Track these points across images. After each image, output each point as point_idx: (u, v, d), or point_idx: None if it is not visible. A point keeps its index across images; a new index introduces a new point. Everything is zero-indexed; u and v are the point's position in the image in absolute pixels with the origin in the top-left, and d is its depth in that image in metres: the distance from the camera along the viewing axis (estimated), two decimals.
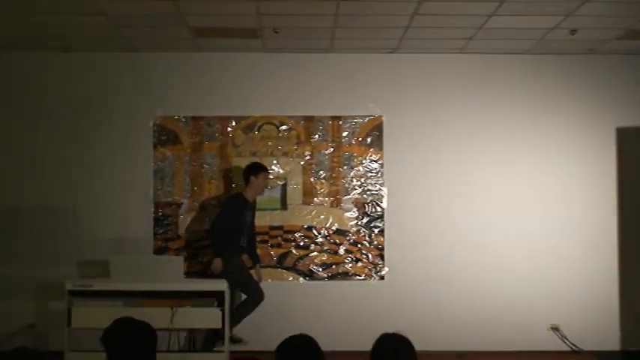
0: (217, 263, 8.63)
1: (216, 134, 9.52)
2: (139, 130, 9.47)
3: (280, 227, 9.47)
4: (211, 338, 8.52)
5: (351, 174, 9.53)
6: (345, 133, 9.54)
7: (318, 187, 9.52)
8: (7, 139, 9.45)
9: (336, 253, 9.49)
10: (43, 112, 9.47)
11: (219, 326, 8.21)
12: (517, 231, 9.49)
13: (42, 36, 8.77)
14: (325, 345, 9.49)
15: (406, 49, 9.36)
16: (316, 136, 9.55)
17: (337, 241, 9.50)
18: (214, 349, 8.43)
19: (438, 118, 9.56)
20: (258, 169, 8.89)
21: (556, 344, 9.38)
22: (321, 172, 9.52)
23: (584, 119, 9.61)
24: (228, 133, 9.52)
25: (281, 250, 9.49)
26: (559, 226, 9.52)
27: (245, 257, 9.04)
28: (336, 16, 7.95)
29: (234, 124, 9.52)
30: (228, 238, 8.69)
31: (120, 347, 4.04)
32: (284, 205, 9.48)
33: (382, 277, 9.49)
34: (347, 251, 9.49)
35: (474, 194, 9.51)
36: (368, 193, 9.52)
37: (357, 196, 9.52)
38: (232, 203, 8.87)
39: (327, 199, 9.51)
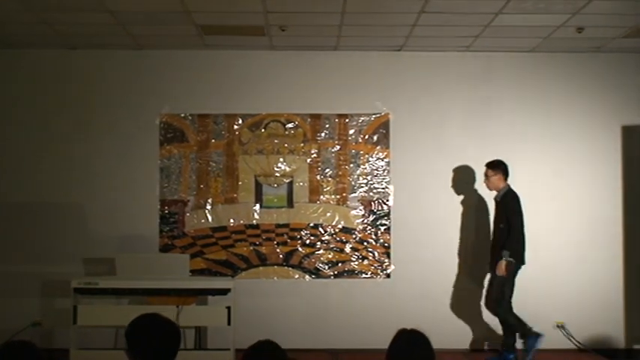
0: None
1: (223, 132, 9.52)
2: (146, 127, 9.47)
3: (286, 225, 9.47)
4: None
5: (358, 172, 9.53)
6: (351, 131, 9.54)
7: (325, 185, 9.51)
8: (13, 137, 9.46)
9: (342, 251, 9.49)
10: (49, 110, 9.47)
11: (226, 324, 8.21)
12: None
13: (48, 34, 8.76)
14: (331, 343, 9.57)
15: (413, 47, 9.35)
16: (323, 133, 9.55)
17: (343, 239, 9.49)
18: None
19: (444, 116, 9.56)
20: None
21: (562, 342, 9.38)
22: (327, 170, 9.52)
23: (590, 117, 9.60)
24: (235, 130, 9.52)
25: (287, 248, 9.48)
26: (564, 223, 9.53)
27: None
28: (342, 13, 7.95)
29: (240, 121, 9.52)
30: None
31: (145, 343, 4.01)
32: (290, 203, 9.48)
33: (388, 275, 9.49)
34: (353, 249, 9.49)
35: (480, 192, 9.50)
36: (374, 191, 9.51)
37: (363, 194, 9.52)
38: None
39: (333, 197, 9.50)
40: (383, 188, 9.52)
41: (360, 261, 9.48)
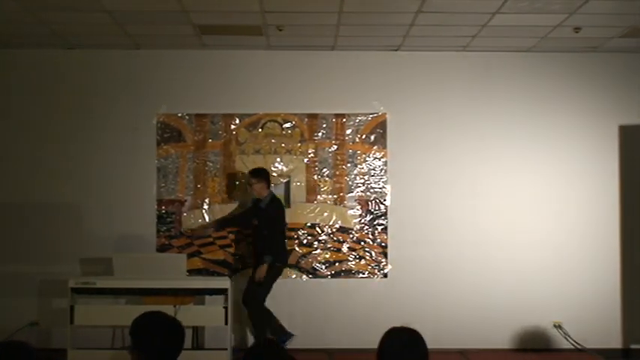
0: None
1: (220, 132, 9.51)
2: (143, 127, 9.46)
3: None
4: None
5: (355, 172, 9.52)
6: (348, 131, 9.53)
7: (322, 185, 9.51)
8: (10, 137, 9.45)
9: (339, 250, 9.48)
10: (46, 110, 9.46)
11: (223, 323, 8.22)
12: (520, 229, 9.49)
13: (46, 33, 8.75)
14: (328, 343, 9.55)
15: (410, 47, 9.35)
16: (320, 133, 9.54)
17: (340, 238, 9.49)
18: None
19: (441, 116, 9.56)
20: None
21: (559, 342, 9.39)
22: (324, 170, 9.52)
23: (587, 117, 9.61)
24: (232, 130, 9.51)
25: None
26: (562, 223, 9.52)
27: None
28: (340, 13, 7.95)
29: (237, 121, 9.51)
30: None
31: (149, 341, 4.02)
32: (287, 202, 9.45)
33: (385, 275, 9.48)
34: (350, 249, 9.48)
35: (477, 192, 9.50)
36: (371, 190, 9.51)
37: (360, 193, 9.52)
38: None
39: (330, 196, 9.50)
40: (380, 188, 9.52)
41: (357, 261, 9.48)
